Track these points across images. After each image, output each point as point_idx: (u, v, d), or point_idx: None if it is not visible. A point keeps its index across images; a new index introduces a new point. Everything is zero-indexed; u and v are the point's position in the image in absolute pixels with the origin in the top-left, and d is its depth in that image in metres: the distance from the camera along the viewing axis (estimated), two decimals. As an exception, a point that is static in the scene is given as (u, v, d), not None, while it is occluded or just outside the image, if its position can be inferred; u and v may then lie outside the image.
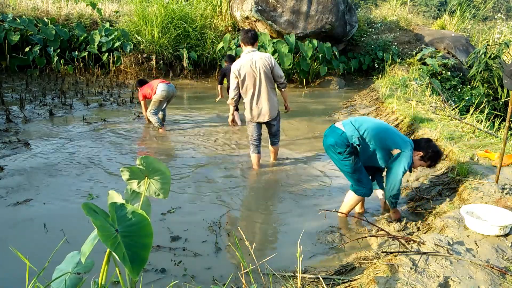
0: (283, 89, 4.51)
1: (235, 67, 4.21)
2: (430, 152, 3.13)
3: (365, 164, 3.25)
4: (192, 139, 5.58)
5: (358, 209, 3.57)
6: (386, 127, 3.20)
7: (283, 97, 4.67)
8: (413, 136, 5.26)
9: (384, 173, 3.35)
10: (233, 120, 4.62)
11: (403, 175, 3.02)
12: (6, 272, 2.50)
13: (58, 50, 9.60)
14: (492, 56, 8.61)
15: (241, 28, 11.31)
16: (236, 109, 4.76)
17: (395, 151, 3.06)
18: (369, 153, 3.12)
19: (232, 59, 7.26)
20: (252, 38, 4.24)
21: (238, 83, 4.26)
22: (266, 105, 4.31)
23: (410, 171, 3.13)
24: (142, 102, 6.09)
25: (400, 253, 2.30)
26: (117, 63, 9.98)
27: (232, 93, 4.33)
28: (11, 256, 2.45)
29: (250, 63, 4.17)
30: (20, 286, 1.75)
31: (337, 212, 3.36)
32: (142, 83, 6.14)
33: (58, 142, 5.07)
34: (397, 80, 8.59)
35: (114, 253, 1.28)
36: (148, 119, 6.04)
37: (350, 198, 3.34)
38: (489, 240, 2.48)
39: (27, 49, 9.17)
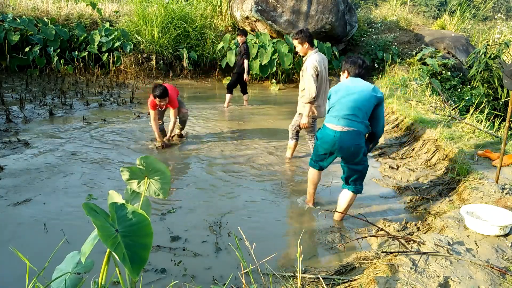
0: None
1: (316, 61, 4.24)
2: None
3: None
4: (192, 139, 5.58)
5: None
6: (360, 97, 3.11)
7: None
8: (413, 136, 5.27)
9: None
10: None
11: None
12: (6, 272, 2.50)
13: (58, 50, 9.59)
14: (492, 56, 8.61)
15: (241, 28, 11.31)
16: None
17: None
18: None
19: (245, 33, 7.65)
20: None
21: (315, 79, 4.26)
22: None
23: None
24: (174, 111, 5.14)
25: (400, 253, 2.30)
26: (117, 63, 9.98)
27: (314, 89, 4.20)
28: (11, 256, 2.46)
29: (323, 62, 4.36)
30: (20, 286, 1.75)
31: (338, 212, 3.35)
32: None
33: (58, 142, 5.07)
34: (397, 80, 8.59)
35: (114, 253, 1.28)
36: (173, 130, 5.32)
37: (351, 199, 3.27)
38: (489, 240, 2.48)
39: (27, 49, 9.17)
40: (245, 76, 7.47)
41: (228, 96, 7.54)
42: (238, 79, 7.57)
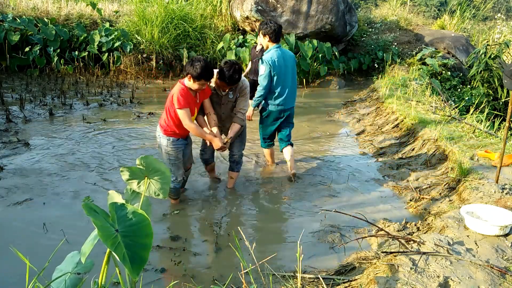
0: None
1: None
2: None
3: None
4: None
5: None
6: (294, 73, 4.27)
7: None
8: (413, 136, 5.27)
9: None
10: None
11: None
12: (6, 272, 2.50)
13: (58, 50, 9.58)
14: (492, 56, 8.61)
15: (241, 28, 11.31)
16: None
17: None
18: None
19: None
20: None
21: None
22: None
23: None
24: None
25: (400, 253, 2.30)
26: (117, 63, 9.97)
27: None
28: (11, 256, 2.45)
29: None
30: (20, 286, 1.75)
31: (337, 212, 3.35)
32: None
33: (58, 142, 5.07)
34: (397, 80, 8.59)
35: (114, 253, 1.28)
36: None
37: (292, 150, 4.41)
38: (489, 240, 2.48)
39: (27, 49, 9.16)
40: None
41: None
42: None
